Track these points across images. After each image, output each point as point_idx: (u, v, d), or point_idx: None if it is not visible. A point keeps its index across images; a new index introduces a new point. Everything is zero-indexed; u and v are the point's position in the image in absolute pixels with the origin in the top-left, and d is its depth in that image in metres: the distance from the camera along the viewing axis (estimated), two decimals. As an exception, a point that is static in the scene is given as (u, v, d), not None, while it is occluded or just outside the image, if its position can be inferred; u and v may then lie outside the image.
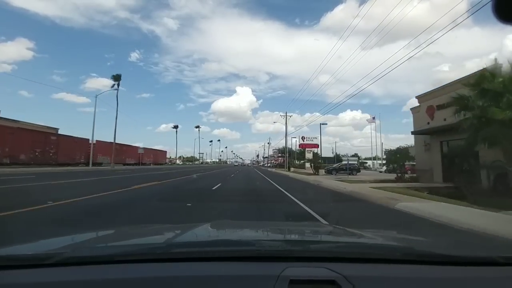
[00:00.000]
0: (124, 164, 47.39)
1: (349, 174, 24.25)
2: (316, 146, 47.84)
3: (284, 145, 67.46)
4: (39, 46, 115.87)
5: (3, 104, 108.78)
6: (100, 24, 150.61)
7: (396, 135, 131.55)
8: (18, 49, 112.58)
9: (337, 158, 70.53)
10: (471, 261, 0.99)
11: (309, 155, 46.44)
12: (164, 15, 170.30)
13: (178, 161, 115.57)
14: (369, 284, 0.83)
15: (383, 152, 54.47)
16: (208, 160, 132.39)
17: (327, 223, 4.73)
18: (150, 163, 60.61)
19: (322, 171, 29.71)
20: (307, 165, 45.01)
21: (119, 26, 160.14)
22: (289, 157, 53.57)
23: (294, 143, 56.58)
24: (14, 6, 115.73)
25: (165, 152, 73.22)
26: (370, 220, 6.22)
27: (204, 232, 1.60)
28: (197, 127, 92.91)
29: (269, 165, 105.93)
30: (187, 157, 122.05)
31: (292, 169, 42.88)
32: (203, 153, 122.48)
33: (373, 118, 46.39)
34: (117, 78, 34.01)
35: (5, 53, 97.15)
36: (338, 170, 29.34)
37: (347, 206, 8.41)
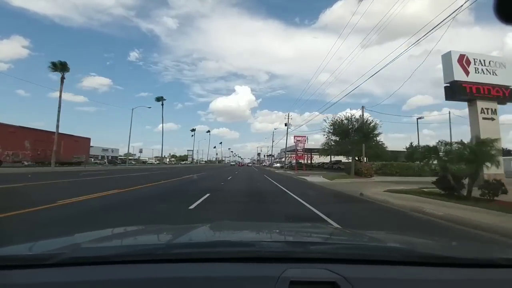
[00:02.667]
0: None
1: None
2: None
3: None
4: (35, 44, 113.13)
5: None
6: (99, 23, 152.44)
7: (396, 134, 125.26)
8: (14, 47, 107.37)
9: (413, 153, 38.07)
10: (472, 263, 0.97)
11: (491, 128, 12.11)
12: (164, 14, 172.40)
13: (153, 160, 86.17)
14: (369, 285, 0.82)
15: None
16: (205, 159, 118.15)
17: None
18: (26, 161, 26.47)
19: None
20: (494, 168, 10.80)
21: (118, 25, 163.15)
22: (360, 141, 19.40)
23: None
24: (14, 5, 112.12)
25: (87, 140, 38.70)
26: None
27: (204, 233, 1.54)
28: (159, 99, 54.35)
29: (278, 165, 71.51)
30: (180, 156, 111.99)
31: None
32: (192, 150, 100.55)
33: None
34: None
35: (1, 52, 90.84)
36: None
37: None
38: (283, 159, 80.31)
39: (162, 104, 54.05)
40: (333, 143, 23.58)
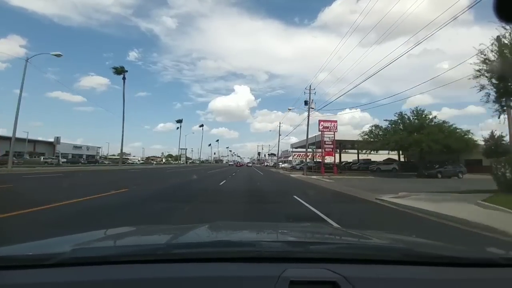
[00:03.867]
0: None
1: None
2: None
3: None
4: (33, 44, 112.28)
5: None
6: (98, 22, 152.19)
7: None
8: (12, 46, 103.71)
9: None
10: (472, 262, 0.97)
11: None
12: (163, 13, 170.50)
13: (137, 160, 77.85)
14: (369, 285, 0.83)
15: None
16: (201, 159, 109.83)
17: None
18: None
19: None
20: None
21: (118, 25, 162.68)
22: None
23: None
24: (13, 5, 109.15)
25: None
26: None
27: (204, 232, 1.53)
28: (119, 71, 38.53)
29: (285, 165, 61.86)
30: (176, 156, 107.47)
31: None
32: (186, 149, 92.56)
33: None
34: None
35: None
36: None
37: None
38: (290, 158, 70.76)
39: (124, 78, 38.53)
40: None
